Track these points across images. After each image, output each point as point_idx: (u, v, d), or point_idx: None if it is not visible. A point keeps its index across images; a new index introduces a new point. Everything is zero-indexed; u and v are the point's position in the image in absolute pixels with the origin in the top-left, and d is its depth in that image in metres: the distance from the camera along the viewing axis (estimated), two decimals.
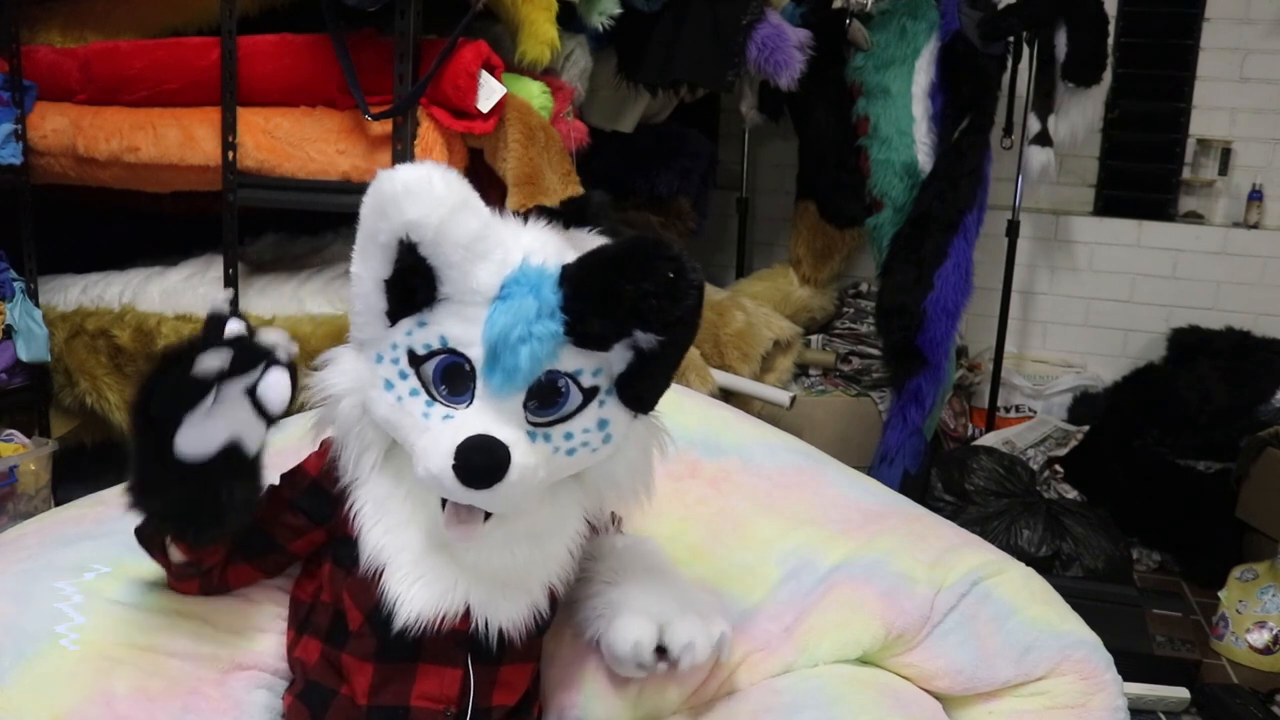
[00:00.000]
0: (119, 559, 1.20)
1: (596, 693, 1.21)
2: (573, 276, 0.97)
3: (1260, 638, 2.40)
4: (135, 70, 2.22)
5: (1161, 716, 2.15)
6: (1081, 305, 3.71)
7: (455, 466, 0.96)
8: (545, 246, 1.01)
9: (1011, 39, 2.88)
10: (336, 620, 1.11)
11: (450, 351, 1.00)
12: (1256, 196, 3.49)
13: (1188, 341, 3.38)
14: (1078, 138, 3.00)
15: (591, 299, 0.96)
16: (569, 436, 1.03)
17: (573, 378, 1.01)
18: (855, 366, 3.32)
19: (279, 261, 2.48)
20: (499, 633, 1.09)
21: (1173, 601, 2.37)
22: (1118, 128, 3.61)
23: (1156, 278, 3.61)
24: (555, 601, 1.17)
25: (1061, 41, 2.86)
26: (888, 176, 2.89)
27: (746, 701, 1.23)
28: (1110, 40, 2.95)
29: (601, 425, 1.04)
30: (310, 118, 2.13)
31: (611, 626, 1.15)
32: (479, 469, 0.96)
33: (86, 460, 2.50)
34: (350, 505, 1.08)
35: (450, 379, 1.01)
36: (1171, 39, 3.53)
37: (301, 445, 1.16)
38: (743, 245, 3.79)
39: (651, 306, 0.94)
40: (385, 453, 1.08)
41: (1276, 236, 3.50)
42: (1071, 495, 3.04)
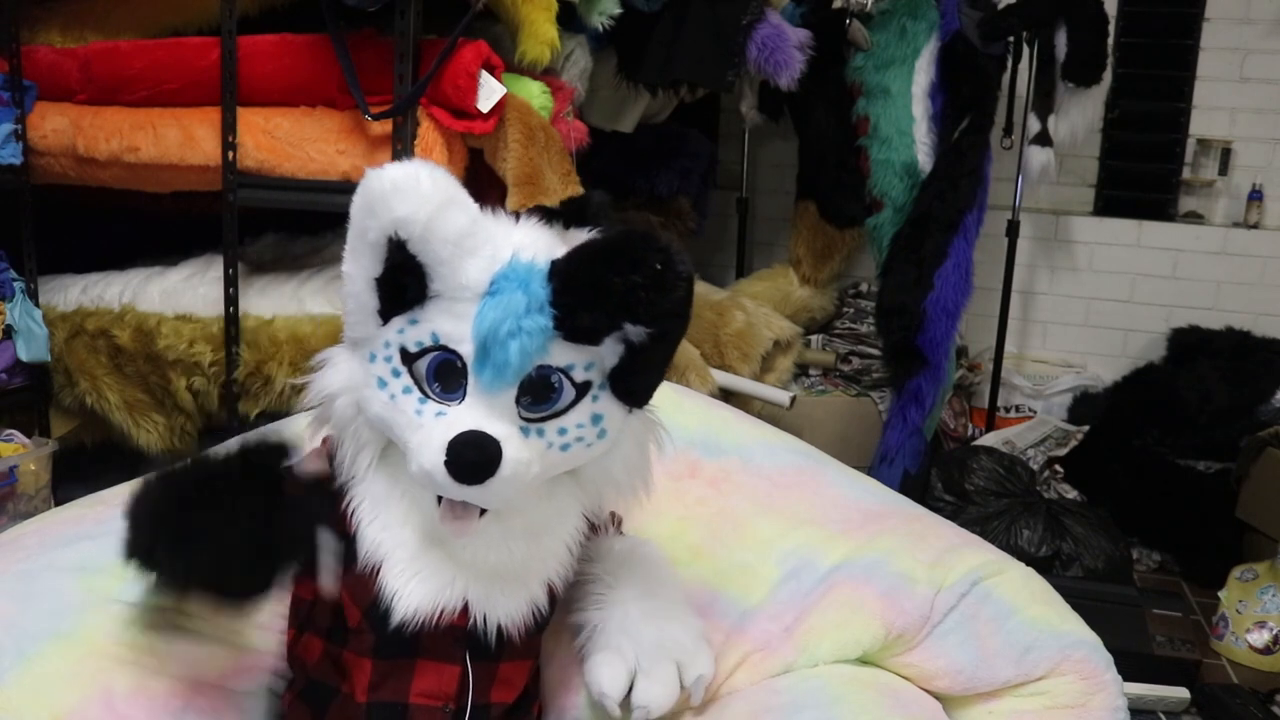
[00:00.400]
0: (119, 558, 1.19)
1: None
2: (561, 271, 0.97)
3: (1260, 638, 2.40)
4: (135, 70, 2.22)
5: (1161, 716, 2.15)
6: (1081, 305, 3.71)
7: (447, 462, 0.96)
8: (535, 242, 1.02)
9: (1011, 39, 2.88)
10: (337, 618, 1.11)
11: (442, 348, 1.01)
12: (1256, 196, 3.49)
13: (1188, 341, 3.38)
14: (1078, 138, 3.00)
15: (581, 292, 0.96)
16: (563, 432, 1.03)
17: (565, 373, 1.01)
18: (855, 366, 3.32)
19: (279, 261, 2.48)
20: (497, 629, 1.09)
21: (1173, 601, 2.37)
22: (1118, 128, 3.61)
23: (1156, 278, 3.61)
24: (554, 598, 1.17)
25: (1061, 41, 2.86)
26: (888, 176, 2.89)
27: (746, 701, 1.23)
28: (1110, 40, 2.95)
29: (595, 420, 1.04)
30: (310, 118, 2.13)
31: (590, 660, 1.17)
32: (471, 464, 0.96)
33: (86, 460, 2.50)
34: (348, 503, 1.09)
35: (443, 376, 1.01)
36: (1171, 39, 3.53)
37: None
38: (743, 245, 3.79)
39: (640, 299, 0.95)
40: (382, 451, 1.09)
41: (1276, 236, 3.50)
42: (1071, 495, 3.04)
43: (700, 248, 3.75)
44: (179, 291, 2.31)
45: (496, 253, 0.99)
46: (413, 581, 1.06)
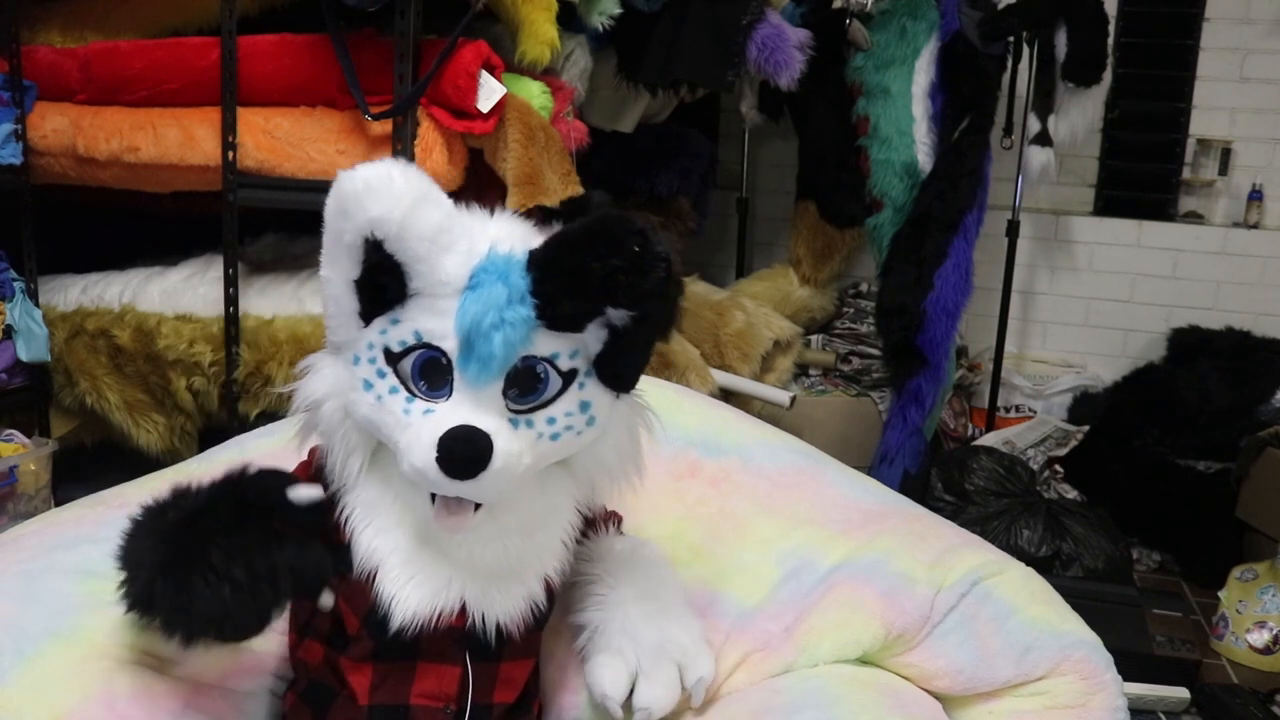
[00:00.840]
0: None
1: None
2: (540, 260, 0.97)
3: (1260, 638, 2.40)
4: (135, 70, 2.22)
5: (1161, 716, 2.15)
6: (1081, 305, 3.71)
7: (438, 459, 0.96)
8: (511, 234, 1.02)
9: (1011, 39, 2.88)
10: (336, 625, 1.11)
11: (425, 346, 1.00)
12: (1256, 196, 3.49)
13: (1188, 341, 3.38)
14: (1078, 138, 3.00)
15: (560, 280, 0.96)
16: (551, 421, 1.03)
17: (550, 362, 1.01)
18: (855, 366, 3.32)
19: (279, 261, 2.47)
20: (496, 628, 1.09)
21: (1173, 601, 2.37)
22: (1118, 128, 3.61)
23: (1156, 278, 3.61)
24: (552, 594, 1.17)
25: (1061, 41, 2.86)
26: (888, 176, 2.89)
27: (746, 701, 1.23)
28: (1110, 40, 2.96)
29: (584, 408, 1.04)
30: (310, 118, 2.13)
31: (591, 662, 1.17)
32: (462, 459, 0.96)
33: (86, 460, 2.50)
34: (340, 511, 1.08)
35: (428, 373, 1.01)
36: (1171, 39, 3.53)
37: (289, 450, 1.16)
38: (743, 245, 3.79)
39: (620, 282, 0.95)
40: (372, 456, 1.08)
41: (1276, 236, 3.50)
42: (1071, 495, 3.04)
43: (700, 248, 3.75)
44: (179, 291, 2.31)
45: (474, 246, 0.99)
46: (409, 585, 1.06)
